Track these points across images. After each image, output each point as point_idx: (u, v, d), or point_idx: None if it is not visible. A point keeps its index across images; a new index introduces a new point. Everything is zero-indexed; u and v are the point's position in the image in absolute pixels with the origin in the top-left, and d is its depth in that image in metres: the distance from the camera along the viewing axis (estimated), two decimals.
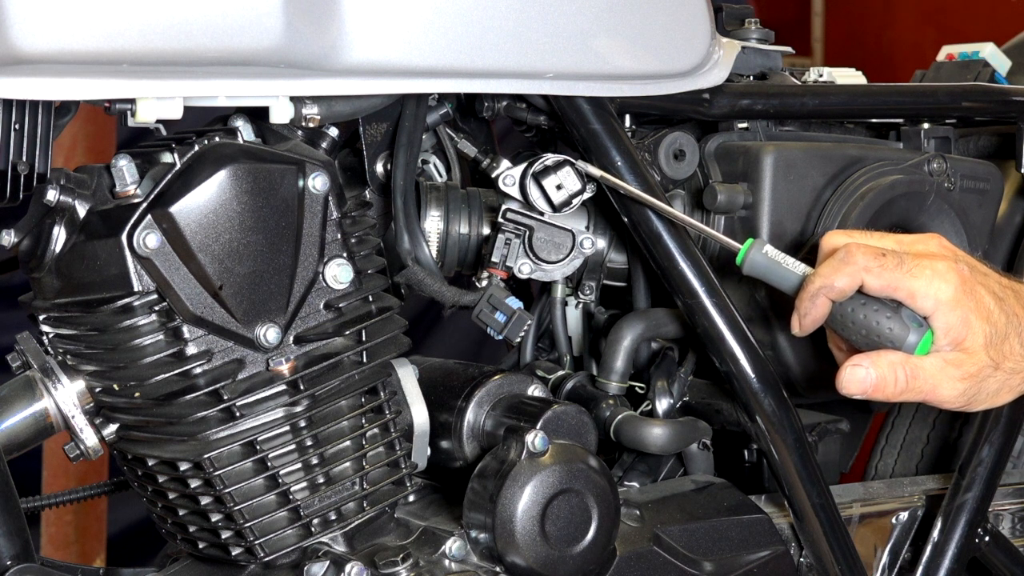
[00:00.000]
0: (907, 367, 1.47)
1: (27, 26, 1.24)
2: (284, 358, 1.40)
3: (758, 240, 1.52)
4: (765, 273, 1.52)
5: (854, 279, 1.46)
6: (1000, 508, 1.86)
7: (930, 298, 1.46)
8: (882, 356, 1.47)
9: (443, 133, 1.64)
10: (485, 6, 1.47)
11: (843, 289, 1.46)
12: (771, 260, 1.51)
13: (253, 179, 1.39)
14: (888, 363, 1.47)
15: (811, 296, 1.47)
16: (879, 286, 1.47)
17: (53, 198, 1.38)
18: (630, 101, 1.61)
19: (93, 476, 3.36)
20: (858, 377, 1.47)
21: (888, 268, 1.46)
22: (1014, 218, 1.94)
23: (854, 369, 1.48)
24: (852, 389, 1.48)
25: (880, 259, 1.46)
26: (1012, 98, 1.85)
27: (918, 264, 1.47)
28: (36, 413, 1.41)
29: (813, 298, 1.47)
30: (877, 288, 1.47)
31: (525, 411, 1.52)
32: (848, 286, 1.46)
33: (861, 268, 1.46)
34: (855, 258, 1.46)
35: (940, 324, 1.47)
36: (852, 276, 1.46)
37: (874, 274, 1.46)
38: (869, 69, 1.90)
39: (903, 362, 1.47)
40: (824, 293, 1.47)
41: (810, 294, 1.47)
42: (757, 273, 1.52)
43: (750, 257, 1.51)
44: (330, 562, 1.41)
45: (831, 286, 1.46)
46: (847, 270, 1.46)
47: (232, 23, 1.32)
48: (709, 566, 1.57)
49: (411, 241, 1.55)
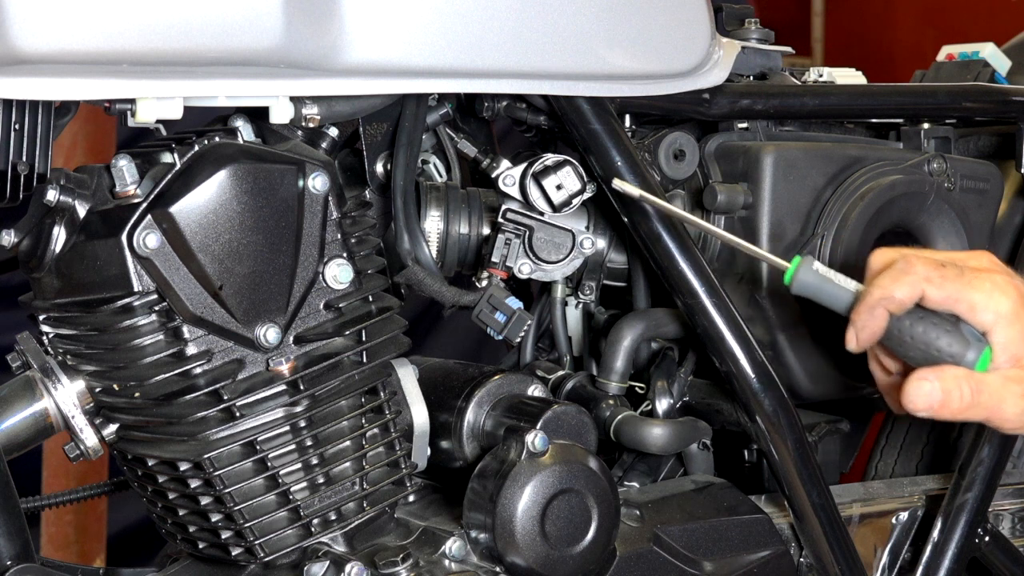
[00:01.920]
0: (971, 382, 1.40)
1: (27, 26, 1.24)
2: (284, 358, 1.40)
3: (807, 258, 1.45)
4: (816, 292, 1.44)
5: (915, 289, 1.40)
6: (1000, 508, 1.86)
7: (990, 311, 1.40)
8: (947, 371, 1.40)
9: (443, 133, 1.64)
10: (485, 6, 1.47)
11: (903, 300, 1.40)
12: (822, 278, 1.44)
13: (253, 179, 1.39)
14: (953, 377, 1.40)
15: (869, 308, 1.40)
16: (940, 298, 1.40)
17: (53, 198, 1.38)
18: (630, 101, 1.61)
19: (93, 476, 3.35)
20: (924, 391, 1.40)
21: (949, 279, 1.40)
22: (1014, 218, 1.94)
23: (920, 383, 1.40)
24: (919, 404, 1.40)
25: (940, 270, 1.41)
26: (1012, 98, 1.85)
27: (977, 276, 1.41)
28: (36, 413, 1.41)
29: (872, 310, 1.40)
30: (938, 300, 1.40)
31: (525, 411, 1.52)
32: (909, 297, 1.40)
33: (922, 278, 1.40)
34: (915, 268, 1.40)
35: (1000, 339, 1.41)
36: (913, 286, 1.40)
37: (935, 284, 1.40)
38: (869, 69, 1.90)
39: (967, 377, 1.40)
40: (884, 305, 1.40)
41: (868, 306, 1.40)
42: (807, 293, 1.45)
43: (799, 277, 1.44)
44: (330, 562, 1.41)
45: (891, 297, 1.40)
46: (908, 279, 1.40)
47: (232, 23, 1.32)
48: (709, 566, 1.57)
49: (411, 241, 1.55)
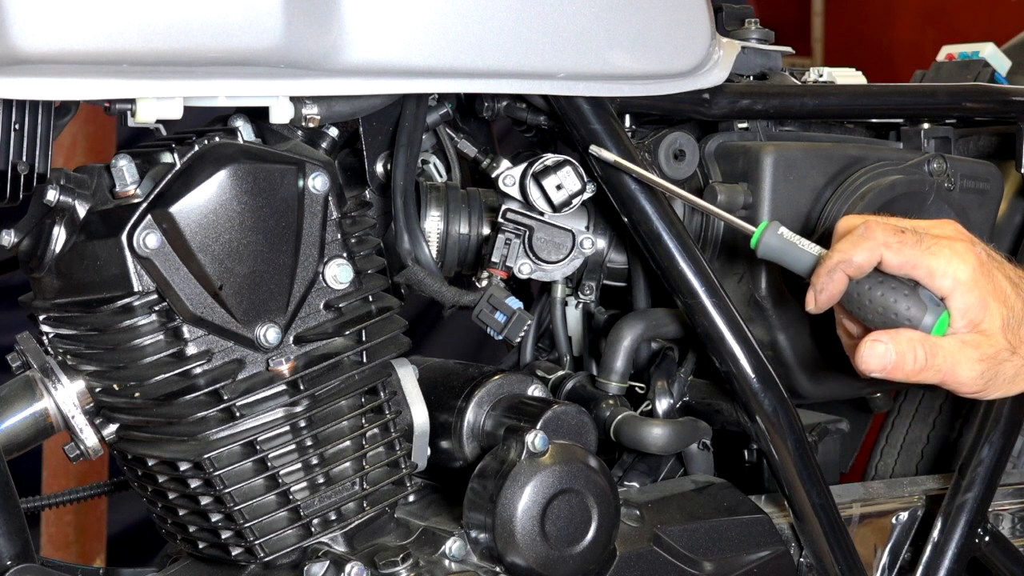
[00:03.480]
0: (926, 345, 1.44)
1: (27, 26, 1.24)
2: (284, 358, 1.40)
3: (773, 222, 1.50)
4: (780, 255, 1.49)
5: (873, 254, 1.44)
6: (1000, 508, 1.86)
7: (948, 277, 1.44)
8: (901, 333, 1.44)
9: (443, 133, 1.64)
10: (485, 6, 1.47)
11: (862, 264, 1.44)
12: (786, 241, 1.49)
13: (253, 179, 1.39)
14: (907, 340, 1.44)
15: (828, 271, 1.44)
16: (898, 263, 1.44)
17: (53, 198, 1.38)
18: (630, 101, 1.61)
19: (93, 476, 3.35)
20: (877, 353, 1.44)
21: (907, 244, 1.44)
22: (1014, 218, 1.94)
23: (873, 345, 1.44)
24: (872, 365, 1.44)
25: (899, 235, 1.44)
26: (1012, 98, 1.85)
27: (937, 243, 1.45)
28: (36, 413, 1.41)
29: (831, 273, 1.44)
30: (896, 265, 1.44)
31: (525, 411, 1.52)
32: (867, 261, 1.44)
33: (881, 243, 1.44)
34: (874, 233, 1.44)
35: (958, 304, 1.45)
36: (871, 251, 1.44)
37: (893, 250, 1.44)
38: (869, 69, 1.90)
39: (922, 340, 1.44)
40: (842, 268, 1.44)
41: (828, 269, 1.44)
42: (772, 256, 1.50)
43: (764, 240, 1.49)
44: (330, 562, 1.41)
45: (849, 261, 1.44)
46: (866, 245, 1.44)
47: (232, 23, 1.32)
48: (709, 566, 1.57)
49: (411, 241, 1.55)
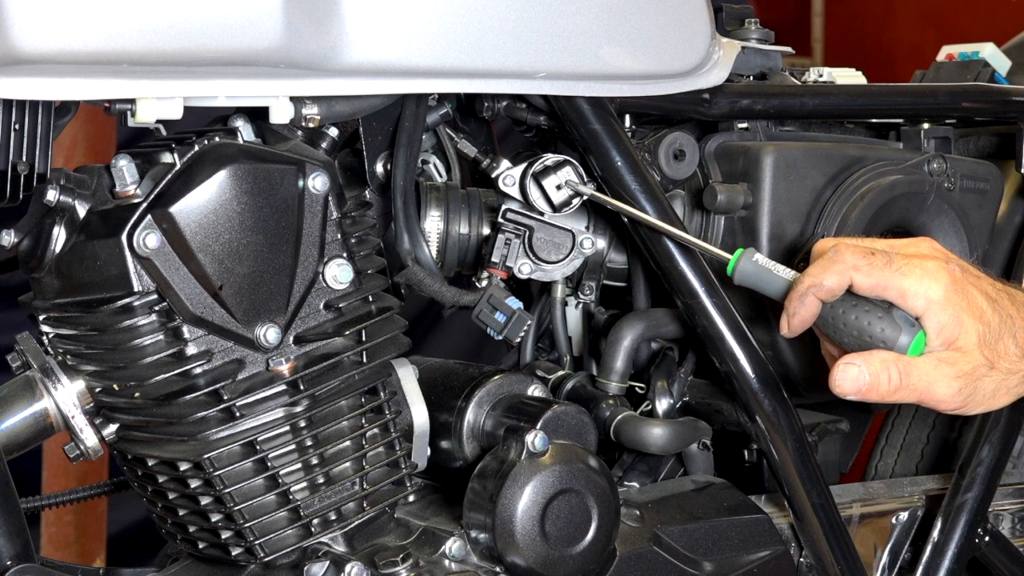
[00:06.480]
0: (900, 365, 1.44)
1: (27, 26, 1.24)
2: (284, 358, 1.40)
3: (748, 249, 1.50)
4: (756, 281, 1.49)
5: (843, 277, 1.44)
6: (1000, 508, 1.86)
7: (920, 297, 1.44)
8: (874, 355, 1.44)
9: (443, 133, 1.64)
10: (485, 6, 1.47)
11: (832, 288, 1.44)
12: (760, 268, 1.49)
13: (253, 179, 1.39)
14: (880, 361, 1.44)
15: (800, 296, 1.45)
16: (869, 285, 1.44)
17: (53, 198, 1.38)
18: (630, 101, 1.61)
19: (93, 476, 3.35)
20: (850, 376, 1.44)
21: (877, 267, 1.44)
22: (1014, 218, 1.94)
23: (847, 368, 1.44)
24: (845, 388, 1.44)
25: (869, 258, 1.44)
26: (1012, 98, 1.85)
27: (908, 263, 1.45)
28: (36, 413, 1.41)
29: (802, 297, 1.45)
30: (867, 287, 1.44)
31: (525, 411, 1.52)
32: (837, 285, 1.44)
33: (850, 267, 1.44)
34: (844, 256, 1.44)
35: (932, 323, 1.45)
36: (841, 275, 1.44)
37: (863, 272, 1.44)
38: (869, 69, 1.90)
39: (896, 360, 1.44)
40: (813, 292, 1.44)
41: (799, 294, 1.45)
42: (748, 282, 1.49)
43: (740, 267, 1.49)
44: (330, 562, 1.41)
45: (820, 285, 1.44)
46: (836, 268, 1.44)
47: (232, 23, 1.32)
48: (709, 566, 1.57)
49: (411, 241, 1.55)
